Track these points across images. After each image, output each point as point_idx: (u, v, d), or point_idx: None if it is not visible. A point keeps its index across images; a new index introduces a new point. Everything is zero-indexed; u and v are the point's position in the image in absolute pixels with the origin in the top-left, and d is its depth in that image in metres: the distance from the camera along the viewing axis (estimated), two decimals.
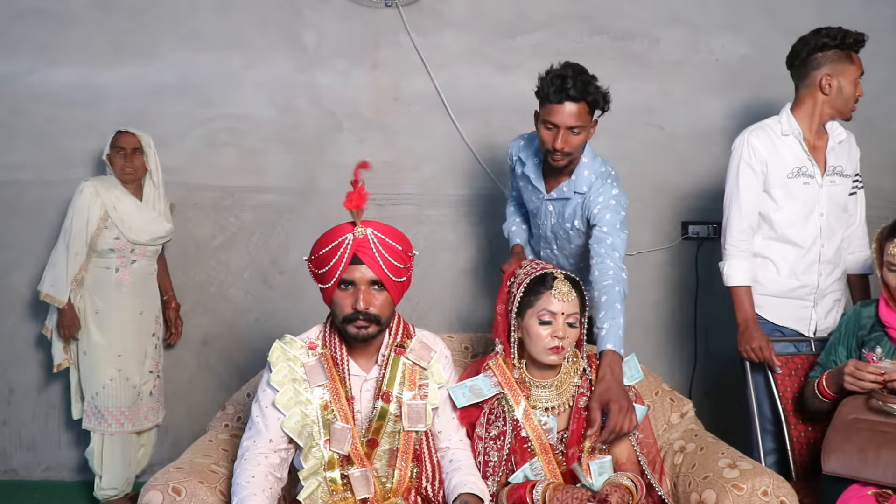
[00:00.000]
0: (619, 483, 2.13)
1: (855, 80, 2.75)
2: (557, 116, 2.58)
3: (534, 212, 2.99)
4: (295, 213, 3.87)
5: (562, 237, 2.91)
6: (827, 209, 2.82)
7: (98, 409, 3.42)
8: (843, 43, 2.72)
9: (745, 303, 2.80)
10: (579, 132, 2.60)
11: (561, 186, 2.78)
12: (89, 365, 3.45)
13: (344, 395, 2.13)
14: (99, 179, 3.48)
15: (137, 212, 3.48)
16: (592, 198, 2.69)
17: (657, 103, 3.89)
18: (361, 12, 3.84)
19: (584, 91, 2.58)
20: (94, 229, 3.40)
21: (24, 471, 3.89)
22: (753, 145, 2.81)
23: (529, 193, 2.95)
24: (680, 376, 3.91)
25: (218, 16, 3.83)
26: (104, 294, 3.45)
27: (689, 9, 3.88)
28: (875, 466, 2.21)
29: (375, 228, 2.09)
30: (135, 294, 3.51)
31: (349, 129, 3.88)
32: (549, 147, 2.63)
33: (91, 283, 3.45)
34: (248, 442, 2.13)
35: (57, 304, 3.39)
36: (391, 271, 2.08)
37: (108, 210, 3.42)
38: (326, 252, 2.08)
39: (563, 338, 2.20)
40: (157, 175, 3.56)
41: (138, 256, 3.52)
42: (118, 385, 3.44)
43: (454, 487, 2.14)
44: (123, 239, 3.45)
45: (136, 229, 3.46)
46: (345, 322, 2.11)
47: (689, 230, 3.88)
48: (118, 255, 3.46)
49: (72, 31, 3.80)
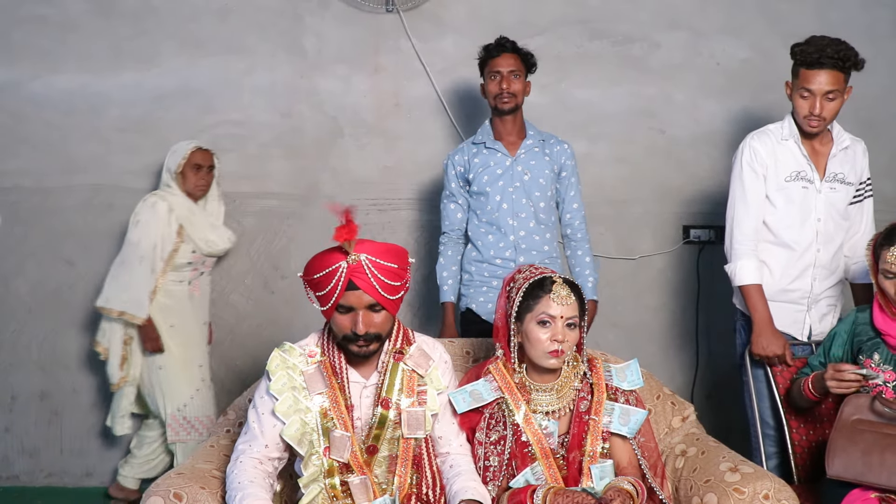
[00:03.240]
0: (620, 487, 2.13)
1: (800, 94, 2.73)
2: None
3: (496, 199, 3.14)
4: (297, 219, 3.88)
5: (536, 199, 3.15)
6: (824, 215, 2.82)
7: (188, 419, 3.46)
8: (795, 56, 2.73)
9: (758, 302, 2.80)
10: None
11: (524, 143, 3.19)
12: (169, 379, 3.47)
13: (343, 402, 2.13)
14: (169, 193, 3.50)
15: (210, 226, 3.55)
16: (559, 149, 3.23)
17: (658, 107, 3.89)
18: (362, 18, 3.85)
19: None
20: (173, 244, 3.45)
21: (26, 477, 3.89)
22: (755, 148, 2.84)
23: (493, 174, 3.14)
24: (681, 380, 3.90)
25: (219, 22, 3.84)
26: (179, 307, 3.51)
27: (689, 13, 3.88)
28: (880, 470, 2.21)
29: (369, 252, 2.07)
30: (201, 305, 3.62)
31: (350, 134, 3.89)
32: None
33: (164, 297, 3.48)
34: (243, 445, 2.13)
35: (137, 321, 3.41)
36: (388, 292, 2.08)
37: (185, 224, 3.47)
38: (321, 277, 2.07)
39: (562, 341, 2.19)
40: (220, 189, 3.66)
41: (206, 268, 3.62)
42: (204, 394, 3.52)
43: (455, 493, 2.13)
44: (199, 252, 3.52)
45: (210, 242, 3.54)
46: (346, 341, 2.12)
47: (691, 234, 3.88)
48: (192, 267, 3.53)
49: (73, 37, 3.82)
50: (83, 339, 3.83)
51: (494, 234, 3.16)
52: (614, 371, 2.35)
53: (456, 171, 3.21)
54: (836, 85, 2.68)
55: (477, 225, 3.19)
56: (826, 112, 2.70)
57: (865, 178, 2.92)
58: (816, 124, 2.73)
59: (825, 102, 2.69)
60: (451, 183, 3.23)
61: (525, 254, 3.14)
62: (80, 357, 3.86)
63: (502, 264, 3.13)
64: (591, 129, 3.88)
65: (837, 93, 2.69)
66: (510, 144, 3.19)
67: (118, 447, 3.87)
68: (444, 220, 3.27)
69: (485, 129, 3.25)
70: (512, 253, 3.14)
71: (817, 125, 2.74)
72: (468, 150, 3.22)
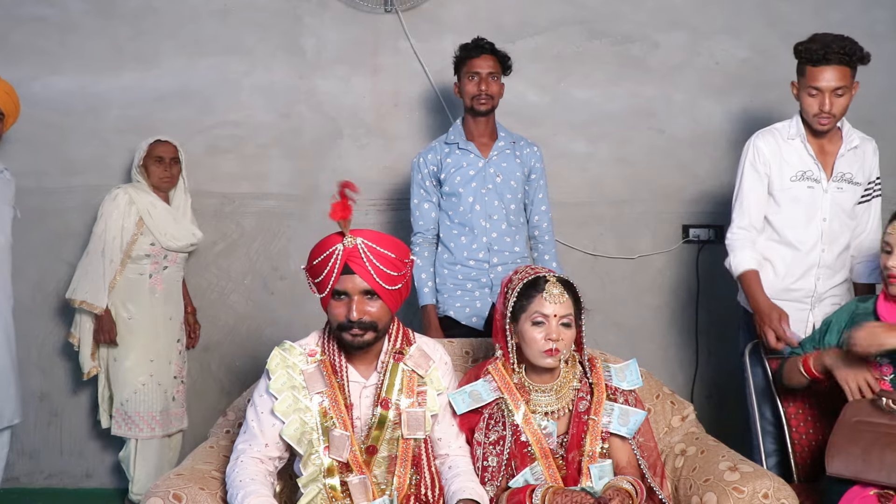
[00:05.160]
0: (619, 486, 2.13)
1: (808, 93, 2.72)
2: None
3: (468, 200, 3.13)
4: (296, 220, 3.88)
5: (508, 200, 3.18)
6: (830, 214, 2.82)
7: (128, 414, 3.46)
8: (800, 55, 2.73)
9: (755, 287, 2.79)
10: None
11: (496, 144, 3.21)
12: (120, 371, 3.48)
13: (342, 402, 2.13)
14: (131, 186, 3.53)
15: (172, 219, 3.55)
16: (528, 151, 3.26)
17: (657, 107, 3.90)
18: (361, 18, 3.85)
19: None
20: (131, 236, 3.45)
21: (25, 478, 3.89)
22: (758, 147, 2.85)
23: (465, 175, 3.15)
24: (681, 379, 3.90)
25: (218, 22, 3.84)
26: (137, 300, 3.50)
27: (689, 12, 3.89)
28: (879, 468, 2.21)
29: (366, 238, 2.09)
30: (165, 300, 3.57)
31: (349, 134, 3.89)
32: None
33: (123, 289, 3.49)
34: (243, 445, 2.13)
35: (96, 310, 3.44)
36: (383, 280, 2.08)
37: (144, 217, 3.47)
38: (319, 262, 2.09)
39: (557, 339, 2.19)
40: (187, 183, 3.63)
41: (170, 263, 3.58)
42: (150, 390, 3.49)
43: (453, 494, 2.13)
44: (158, 245, 3.50)
45: (170, 236, 3.52)
46: (340, 330, 2.11)
47: (690, 233, 3.88)
48: (152, 261, 3.52)
49: (73, 38, 3.82)
50: None
51: (467, 235, 3.16)
52: (614, 371, 2.35)
53: (429, 170, 3.20)
54: (843, 81, 2.67)
55: (449, 226, 3.19)
56: (836, 109, 2.70)
57: (875, 177, 2.91)
58: (827, 121, 2.73)
59: (834, 99, 2.69)
60: (424, 182, 3.21)
61: (498, 255, 3.16)
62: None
63: (475, 265, 3.15)
64: (591, 129, 3.88)
65: (845, 88, 2.69)
66: (482, 146, 3.21)
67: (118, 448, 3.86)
68: (417, 221, 3.24)
69: (457, 128, 3.25)
70: (485, 254, 3.16)
71: (828, 122, 2.73)
72: (440, 150, 3.22)
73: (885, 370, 2.43)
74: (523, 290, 2.24)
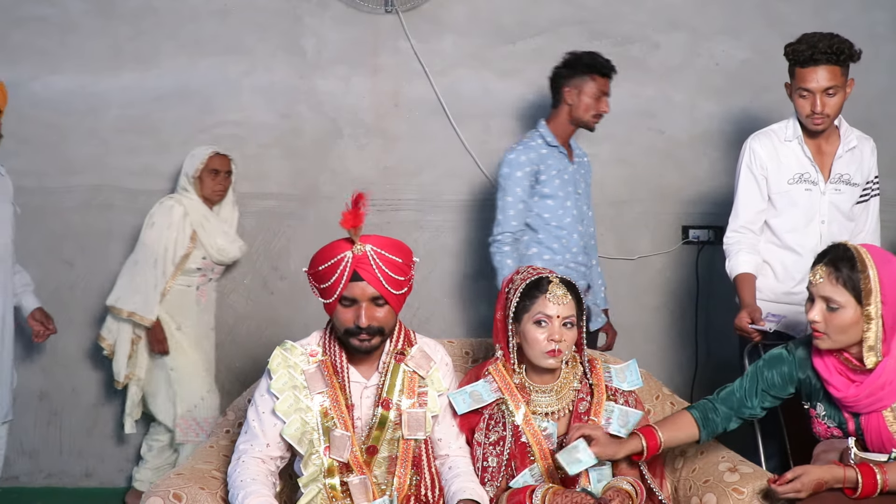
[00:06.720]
0: (619, 487, 2.13)
1: (799, 94, 2.71)
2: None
3: (567, 204, 3.17)
4: (296, 219, 3.88)
5: (590, 205, 3.32)
6: (828, 217, 2.81)
7: (198, 421, 3.48)
8: (789, 56, 2.72)
9: (742, 289, 2.79)
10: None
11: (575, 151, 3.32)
12: (182, 380, 3.50)
13: (343, 402, 2.13)
14: (185, 198, 3.52)
15: (222, 232, 3.56)
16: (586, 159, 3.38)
17: (657, 108, 3.90)
18: (361, 18, 3.85)
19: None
20: (185, 249, 3.47)
21: (25, 478, 3.88)
22: (754, 150, 2.84)
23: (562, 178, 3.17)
24: (681, 380, 3.91)
25: (218, 22, 3.84)
26: (186, 311, 3.53)
27: (689, 13, 3.89)
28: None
29: (374, 244, 2.07)
30: (209, 311, 3.64)
31: (349, 135, 3.89)
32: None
33: (172, 300, 3.50)
34: (244, 445, 2.14)
35: (146, 322, 3.44)
36: (392, 285, 2.07)
37: (198, 230, 3.49)
38: (326, 269, 2.07)
39: (559, 340, 2.19)
40: (235, 196, 3.67)
41: (215, 275, 3.64)
42: (214, 397, 3.55)
43: (453, 494, 2.14)
44: (209, 259, 3.52)
45: (221, 250, 3.55)
46: (347, 335, 2.11)
47: (690, 234, 3.89)
48: (202, 273, 3.55)
49: (72, 38, 3.82)
50: (82, 340, 3.83)
51: (567, 237, 3.18)
52: (614, 372, 2.35)
53: (531, 169, 3.12)
54: (833, 80, 2.65)
55: (548, 228, 3.16)
56: (828, 109, 2.67)
57: (873, 176, 2.89)
58: (820, 122, 2.71)
59: (825, 99, 2.67)
60: (523, 181, 3.11)
61: (594, 257, 3.37)
62: (79, 357, 3.86)
63: (576, 268, 3.19)
64: None
65: (837, 88, 2.66)
66: (568, 150, 3.27)
67: (118, 448, 3.87)
68: (509, 220, 3.11)
69: (547, 131, 3.21)
70: (584, 258, 3.25)
71: (821, 123, 2.71)
72: (538, 149, 3.16)
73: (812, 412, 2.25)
74: (526, 290, 2.24)
